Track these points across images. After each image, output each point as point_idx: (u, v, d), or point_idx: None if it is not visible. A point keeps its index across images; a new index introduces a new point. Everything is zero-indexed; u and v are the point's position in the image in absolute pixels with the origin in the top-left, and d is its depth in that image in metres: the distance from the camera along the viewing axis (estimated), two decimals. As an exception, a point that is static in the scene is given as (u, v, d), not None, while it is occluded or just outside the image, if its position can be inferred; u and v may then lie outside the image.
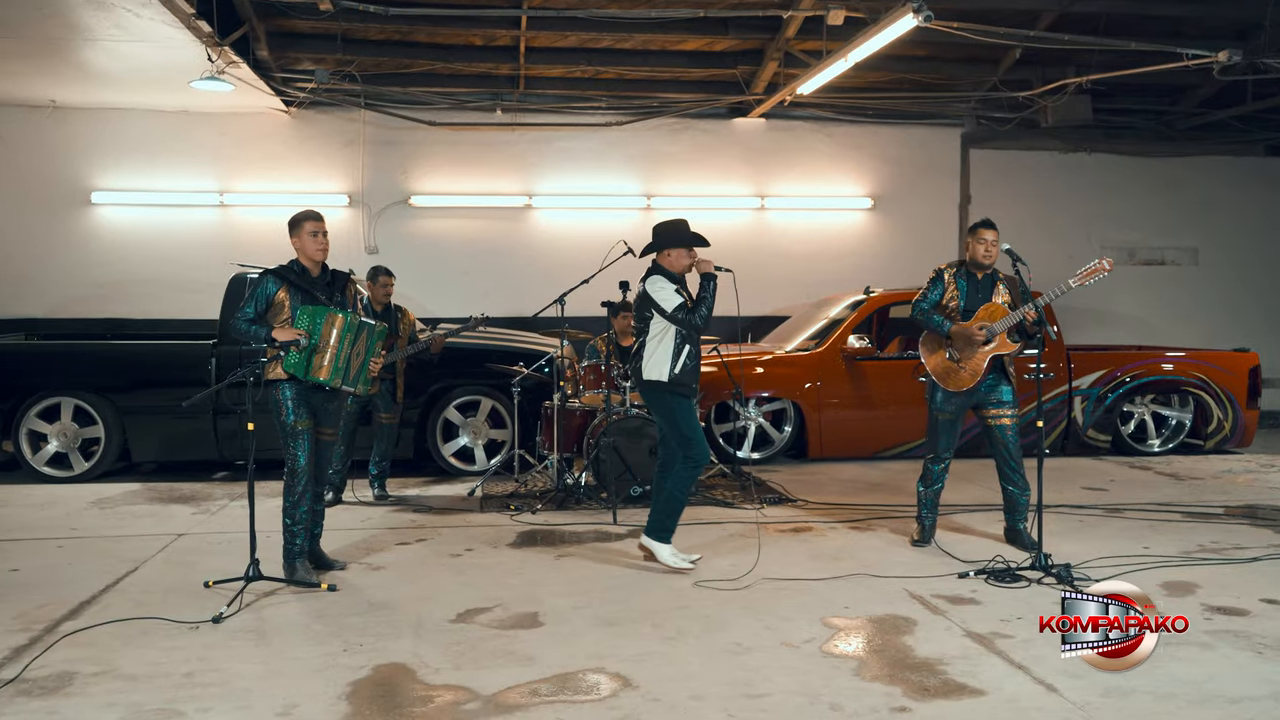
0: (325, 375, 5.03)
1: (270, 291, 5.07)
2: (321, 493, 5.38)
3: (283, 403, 5.08)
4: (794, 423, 8.80)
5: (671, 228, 5.37)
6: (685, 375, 5.19)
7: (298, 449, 5.08)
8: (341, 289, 5.30)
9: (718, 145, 11.34)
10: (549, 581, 5.07)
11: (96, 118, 10.41)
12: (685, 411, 5.27)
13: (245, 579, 4.77)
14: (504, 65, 10.40)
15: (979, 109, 11.39)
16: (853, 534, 6.11)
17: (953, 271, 5.76)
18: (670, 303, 5.17)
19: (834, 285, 10.71)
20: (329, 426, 5.28)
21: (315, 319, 5.02)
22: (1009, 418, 5.68)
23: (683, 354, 5.18)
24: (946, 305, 5.71)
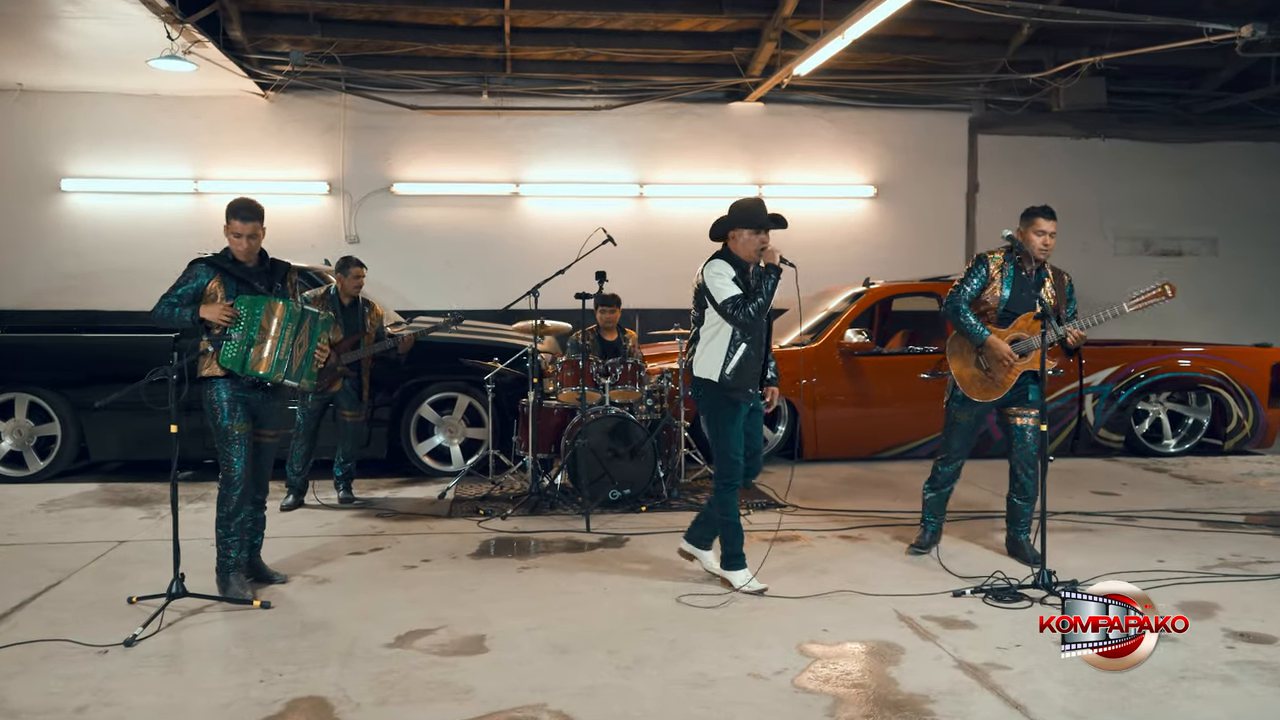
0: (265, 369, 4.61)
1: (201, 282, 4.64)
2: (262, 500, 4.97)
3: (218, 403, 4.66)
4: (788, 421, 8.35)
5: (745, 206, 4.75)
6: (737, 378, 4.60)
7: (234, 454, 4.67)
8: (282, 279, 4.88)
9: (714, 130, 10.88)
10: (505, 598, 4.65)
11: (66, 102, 10.03)
12: (726, 420, 4.69)
13: (168, 596, 4.35)
14: (490, 47, 9.98)
15: (987, 92, 10.90)
16: (842, 544, 5.67)
17: (999, 261, 5.12)
18: (725, 293, 4.58)
19: (835, 277, 10.20)
20: (270, 428, 4.87)
21: (253, 309, 4.61)
22: (1033, 418, 5.14)
23: (737, 353, 4.59)
24: (986, 300, 5.09)
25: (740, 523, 4.84)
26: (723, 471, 4.77)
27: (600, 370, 6.82)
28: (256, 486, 4.91)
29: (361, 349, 6.78)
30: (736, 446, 4.73)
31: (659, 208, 10.85)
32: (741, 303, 4.54)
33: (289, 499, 6.76)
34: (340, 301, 6.83)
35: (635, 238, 10.64)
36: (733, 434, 4.71)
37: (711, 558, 4.94)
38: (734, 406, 4.68)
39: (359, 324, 6.85)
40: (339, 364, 6.67)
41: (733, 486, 4.77)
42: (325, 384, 6.67)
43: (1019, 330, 5.07)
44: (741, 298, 4.55)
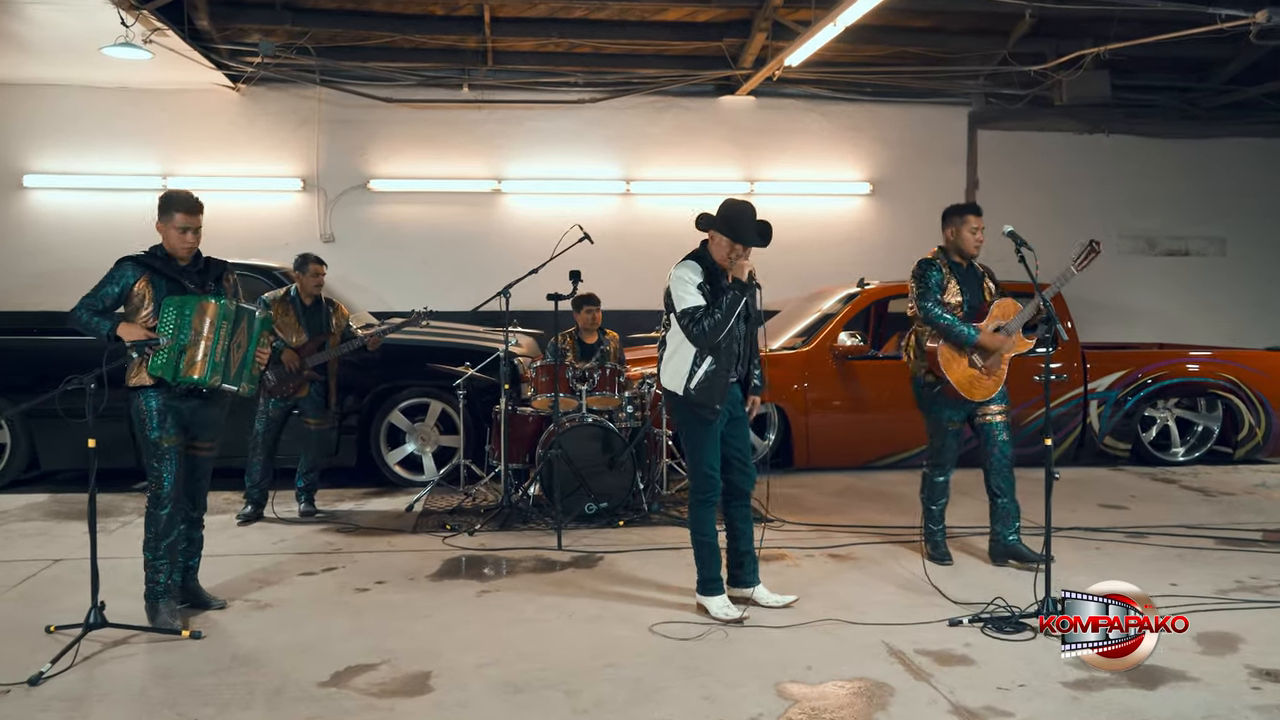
0: (200, 373, 4.23)
1: (128, 282, 4.26)
2: (198, 518, 4.58)
3: (147, 413, 4.28)
4: (778, 428, 7.95)
5: (732, 212, 4.36)
6: (704, 393, 4.23)
7: (163, 470, 4.29)
8: (218, 279, 4.48)
9: (703, 125, 10.48)
10: (460, 627, 4.26)
11: (29, 95, 9.64)
12: (698, 432, 4.33)
13: (85, 626, 3.96)
14: (470, 38, 9.60)
15: (987, 86, 10.51)
16: (831, 563, 5.27)
17: (944, 263, 5.09)
18: (685, 302, 4.21)
19: (829, 277, 9.81)
20: (206, 440, 4.47)
21: (183, 310, 4.23)
22: (1002, 414, 5.12)
23: (703, 366, 4.22)
24: (947, 303, 5.02)
25: (717, 544, 4.45)
26: (697, 487, 4.40)
27: (577, 375, 6.43)
28: (192, 503, 4.54)
29: (327, 351, 6.39)
30: (711, 460, 4.35)
31: (646, 205, 10.46)
32: (701, 316, 4.17)
33: (246, 510, 6.38)
34: (302, 302, 6.44)
35: (621, 236, 10.29)
36: (706, 446, 4.34)
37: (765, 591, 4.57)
38: (704, 423, 4.31)
39: (323, 325, 6.46)
40: (304, 368, 6.29)
41: (708, 503, 4.40)
42: (290, 389, 6.30)
43: (995, 319, 5.01)
44: (703, 310, 4.18)
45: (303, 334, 6.35)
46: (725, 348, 4.25)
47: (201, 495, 4.56)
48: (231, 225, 9.75)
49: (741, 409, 4.50)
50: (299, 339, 6.33)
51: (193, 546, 4.57)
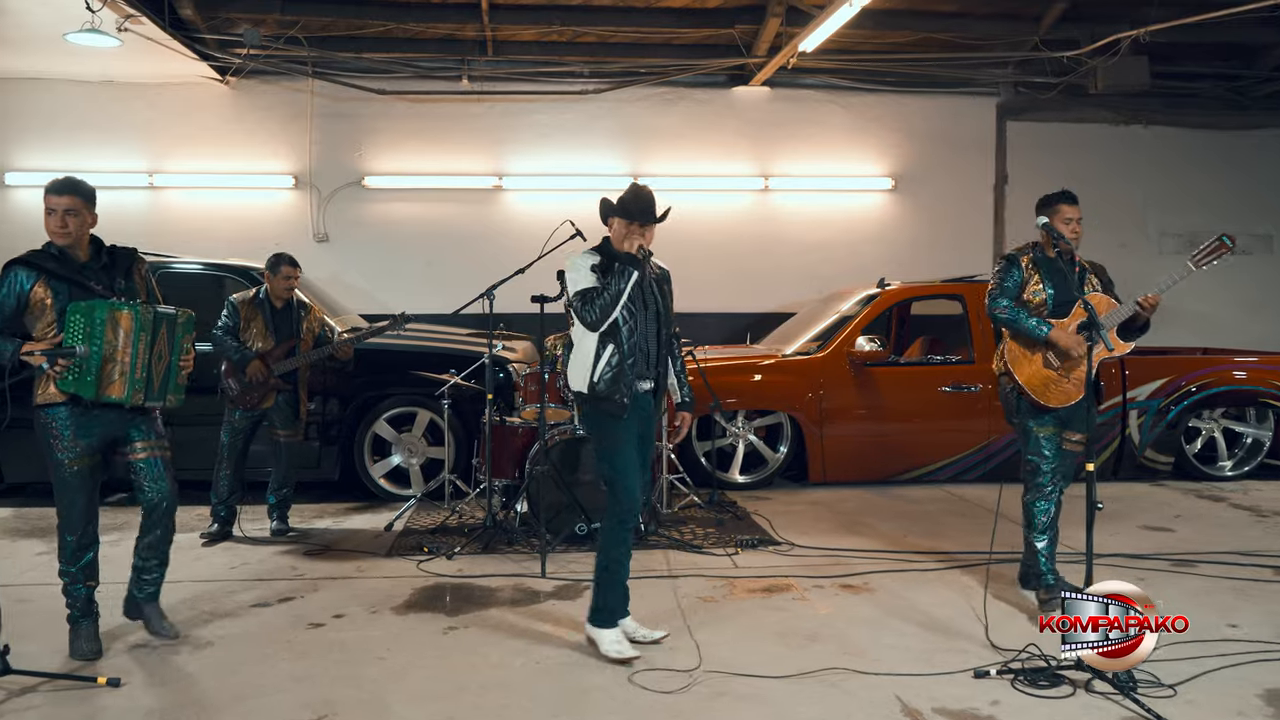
0: (120, 393, 3.77)
1: (23, 288, 3.73)
2: (169, 524, 4.11)
3: (55, 431, 3.81)
4: (791, 440, 7.40)
5: (626, 194, 4.03)
6: (611, 385, 3.83)
7: (67, 493, 3.85)
8: (126, 273, 3.97)
9: (715, 118, 9.94)
10: (416, 672, 3.76)
11: (10, 88, 9.26)
12: (609, 439, 3.91)
13: (-13, 673, 3.50)
14: (468, 26, 9.12)
15: (1017, 74, 9.90)
16: (842, 596, 4.72)
17: (1029, 257, 4.51)
18: (576, 285, 3.88)
19: (849, 277, 9.26)
20: (141, 440, 3.98)
21: (92, 318, 3.70)
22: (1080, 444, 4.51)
23: (605, 353, 3.85)
24: (1029, 301, 4.47)
25: (625, 574, 3.95)
26: (613, 505, 3.92)
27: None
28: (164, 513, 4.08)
29: (297, 357, 5.93)
30: (629, 477, 3.88)
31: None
32: (593, 296, 3.81)
33: (212, 528, 5.93)
34: (271, 305, 5.98)
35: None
36: (621, 457, 3.89)
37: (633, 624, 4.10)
38: (616, 420, 3.86)
39: (293, 329, 6.00)
40: (271, 375, 5.83)
41: (625, 524, 3.91)
42: (254, 399, 5.84)
43: (1080, 318, 4.31)
44: (595, 290, 3.82)
45: (270, 339, 5.89)
46: (631, 343, 3.86)
47: (159, 500, 4.04)
48: (221, 224, 9.37)
49: (652, 425, 4.07)
50: (265, 344, 5.87)
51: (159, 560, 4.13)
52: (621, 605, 3.96)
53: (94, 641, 3.86)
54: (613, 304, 3.79)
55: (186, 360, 4.01)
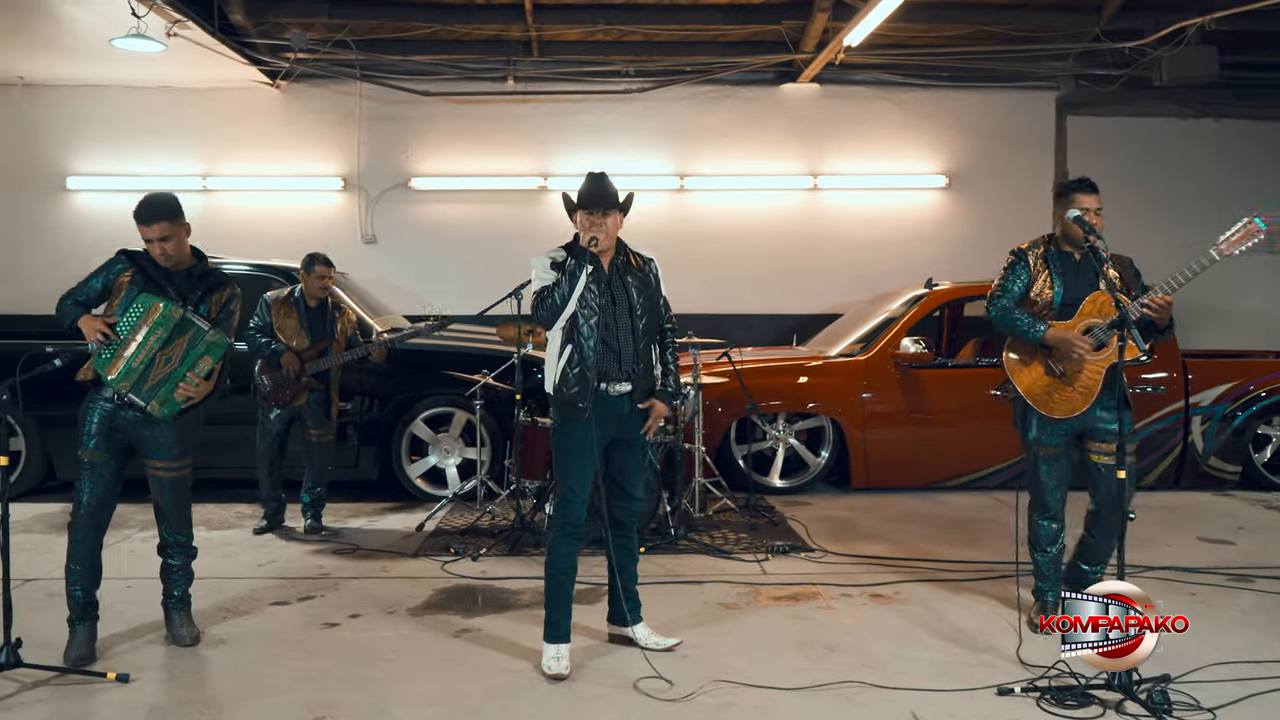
0: (113, 373, 3.81)
1: (116, 271, 3.95)
2: (180, 543, 4.14)
3: (84, 418, 3.92)
4: (833, 444, 7.21)
5: (583, 183, 3.87)
6: (569, 389, 3.69)
7: (82, 485, 3.92)
8: (207, 291, 4.04)
9: (762, 115, 9.77)
10: (421, 676, 3.70)
11: (71, 95, 9.50)
12: (564, 444, 3.77)
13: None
14: (513, 27, 9.10)
15: (1077, 67, 9.55)
16: (869, 606, 4.55)
17: (1039, 252, 4.19)
18: (538, 282, 3.75)
19: (900, 277, 9.00)
20: (159, 458, 4.01)
21: (138, 307, 3.84)
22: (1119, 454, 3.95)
23: (565, 354, 3.72)
24: (1036, 300, 4.15)
25: (569, 584, 3.82)
26: (556, 514, 3.82)
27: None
28: (167, 527, 4.11)
29: (329, 357, 5.95)
30: (574, 482, 3.75)
31: (700, 201, 9.80)
32: (547, 292, 3.66)
33: (261, 524, 6.09)
34: (305, 304, 6.02)
35: (673, 234, 9.69)
36: (570, 461, 3.75)
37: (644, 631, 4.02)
38: (574, 425, 3.71)
39: (326, 330, 6.03)
40: (304, 375, 5.87)
41: (564, 534, 3.78)
42: (287, 396, 5.88)
43: (1087, 318, 4.05)
44: (550, 286, 3.67)
45: (305, 338, 5.93)
46: (592, 343, 3.69)
47: (172, 518, 4.10)
48: (271, 226, 9.49)
49: (634, 429, 3.86)
50: (300, 343, 5.91)
51: (171, 575, 4.15)
52: (564, 618, 3.79)
53: (83, 648, 3.83)
54: (562, 302, 3.64)
55: (195, 385, 3.89)
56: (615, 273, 3.80)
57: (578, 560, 3.85)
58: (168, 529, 4.12)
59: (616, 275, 3.80)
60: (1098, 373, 4.03)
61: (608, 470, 3.87)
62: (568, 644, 3.77)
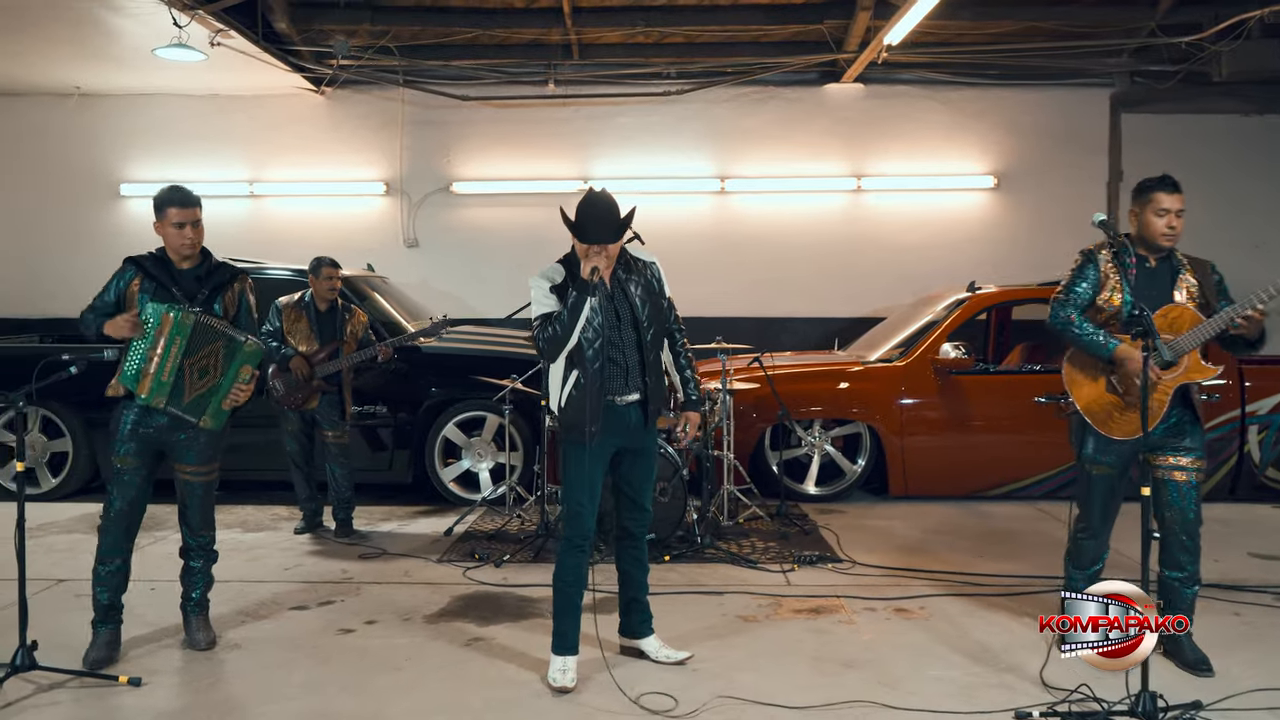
0: (145, 391, 3.88)
1: (126, 279, 3.99)
2: (202, 545, 4.19)
3: (115, 424, 4.01)
4: (871, 451, 7.06)
5: (581, 203, 3.66)
6: (573, 412, 3.63)
7: (114, 489, 3.97)
8: (217, 288, 4.07)
9: (805, 116, 9.63)
10: (425, 686, 3.68)
11: (124, 104, 9.74)
12: (569, 458, 3.70)
13: (9, 667, 3.59)
14: (554, 30, 9.09)
15: (1132, 63, 9.24)
16: (892, 621, 4.42)
17: (1110, 254, 3.86)
18: (538, 308, 3.67)
19: (947, 280, 8.80)
20: (190, 463, 4.06)
21: (152, 319, 3.89)
22: (1192, 471, 3.80)
23: (569, 381, 3.66)
24: (1103, 308, 3.85)
25: (576, 596, 3.74)
26: (565, 528, 3.74)
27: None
28: (190, 530, 4.16)
29: (339, 359, 6.00)
30: (579, 495, 3.68)
31: (742, 204, 9.70)
32: (546, 323, 3.58)
33: (300, 525, 6.20)
34: (315, 308, 6.08)
35: (715, 238, 9.62)
36: (577, 477, 3.67)
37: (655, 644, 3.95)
38: (581, 447, 3.64)
39: (336, 332, 6.08)
40: (314, 378, 5.93)
41: (571, 547, 3.70)
42: (299, 400, 5.97)
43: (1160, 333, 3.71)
44: (551, 316, 3.59)
45: (314, 341, 6.00)
46: (597, 366, 3.61)
47: (197, 520, 4.14)
48: (316, 231, 9.60)
49: (643, 438, 3.78)
50: (309, 346, 5.97)
51: (191, 577, 4.20)
52: (572, 630, 3.72)
53: (101, 650, 3.88)
54: (565, 334, 3.55)
55: (242, 389, 4.00)
56: (617, 285, 3.70)
57: (587, 572, 3.78)
58: (191, 532, 4.17)
59: (618, 287, 3.70)
60: (1164, 394, 3.74)
61: (616, 480, 3.82)
62: (575, 656, 3.71)
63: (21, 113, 9.75)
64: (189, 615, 4.17)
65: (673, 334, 3.88)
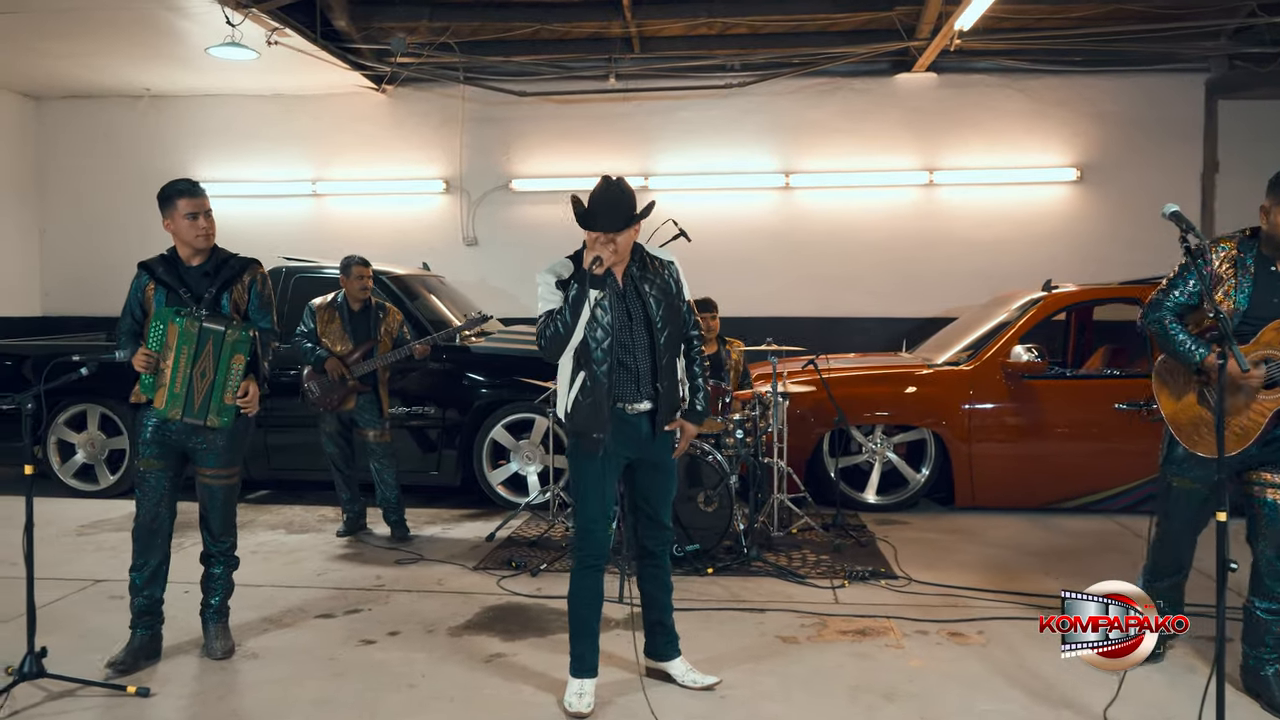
0: (161, 404, 3.81)
1: (143, 285, 3.93)
2: (224, 552, 4.10)
3: (139, 429, 3.96)
4: (936, 459, 6.69)
5: (593, 194, 3.42)
6: (581, 417, 3.39)
7: (139, 493, 3.89)
8: (226, 283, 3.95)
9: (874, 108, 9.24)
10: (439, 703, 3.51)
11: (192, 105, 9.85)
12: (578, 471, 3.47)
13: (18, 675, 3.52)
14: (614, 24, 8.88)
15: (1230, 46, 8.62)
16: (944, 647, 4.10)
17: (1230, 251, 3.46)
18: (542, 304, 3.44)
19: (1023, 280, 8.34)
20: (210, 465, 3.97)
21: (160, 330, 3.82)
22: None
23: (576, 384, 3.42)
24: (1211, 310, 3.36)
25: (593, 618, 3.50)
26: (576, 544, 3.50)
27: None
28: (211, 535, 4.07)
29: (374, 359, 5.89)
30: (591, 511, 3.43)
31: (807, 200, 9.35)
32: (549, 319, 3.34)
33: (341, 526, 6.13)
34: (349, 308, 5.98)
35: (778, 235, 9.30)
36: (587, 491, 3.43)
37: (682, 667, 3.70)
38: (591, 457, 3.40)
39: (370, 331, 5.97)
40: (349, 378, 5.83)
41: (584, 566, 3.47)
42: (335, 401, 5.87)
43: (1265, 347, 3.36)
44: (554, 313, 3.35)
45: (348, 342, 5.91)
46: (606, 368, 3.35)
47: (217, 525, 4.05)
48: (376, 230, 9.59)
49: (658, 450, 3.52)
50: (344, 347, 5.88)
51: (211, 583, 4.11)
52: (589, 652, 3.50)
53: (125, 656, 3.82)
54: (566, 332, 3.31)
55: (235, 380, 3.85)
56: (630, 284, 3.45)
57: (603, 590, 3.56)
58: (212, 538, 4.08)
59: (631, 286, 3.45)
60: (1261, 415, 3.37)
61: (633, 496, 3.59)
62: (593, 679, 3.49)
63: (93, 115, 9.95)
64: (207, 623, 4.08)
65: (690, 340, 3.63)
